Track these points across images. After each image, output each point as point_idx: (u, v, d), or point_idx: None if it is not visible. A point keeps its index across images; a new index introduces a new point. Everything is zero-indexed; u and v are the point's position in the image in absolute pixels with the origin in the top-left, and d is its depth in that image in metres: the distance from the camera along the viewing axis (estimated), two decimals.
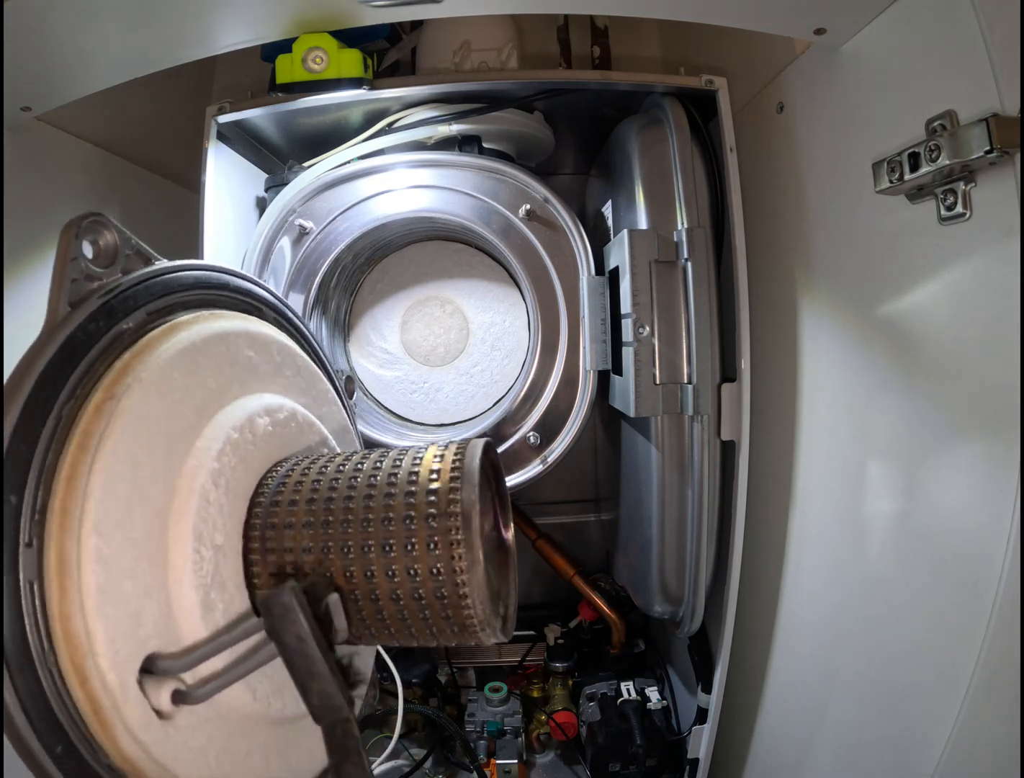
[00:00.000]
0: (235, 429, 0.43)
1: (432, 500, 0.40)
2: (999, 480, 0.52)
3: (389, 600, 0.40)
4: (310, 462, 0.47)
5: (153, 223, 1.07)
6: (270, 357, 0.50)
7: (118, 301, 0.38)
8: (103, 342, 0.37)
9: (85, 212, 0.38)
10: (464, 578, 0.39)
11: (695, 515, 0.81)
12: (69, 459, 0.33)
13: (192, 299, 0.45)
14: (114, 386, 0.36)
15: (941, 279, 0.59)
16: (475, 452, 0.43)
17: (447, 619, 0.40)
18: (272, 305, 0.56)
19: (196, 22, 0.66)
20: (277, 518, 0.43)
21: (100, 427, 0.34)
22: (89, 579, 0.32)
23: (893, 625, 0.65)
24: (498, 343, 1.01)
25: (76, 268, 0.37)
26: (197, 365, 0.42)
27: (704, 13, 0.67)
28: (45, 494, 0.32)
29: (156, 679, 0.35)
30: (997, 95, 0.50)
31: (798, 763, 0.81)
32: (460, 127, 0.87)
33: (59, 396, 0.34)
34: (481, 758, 1.01)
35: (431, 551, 0.39)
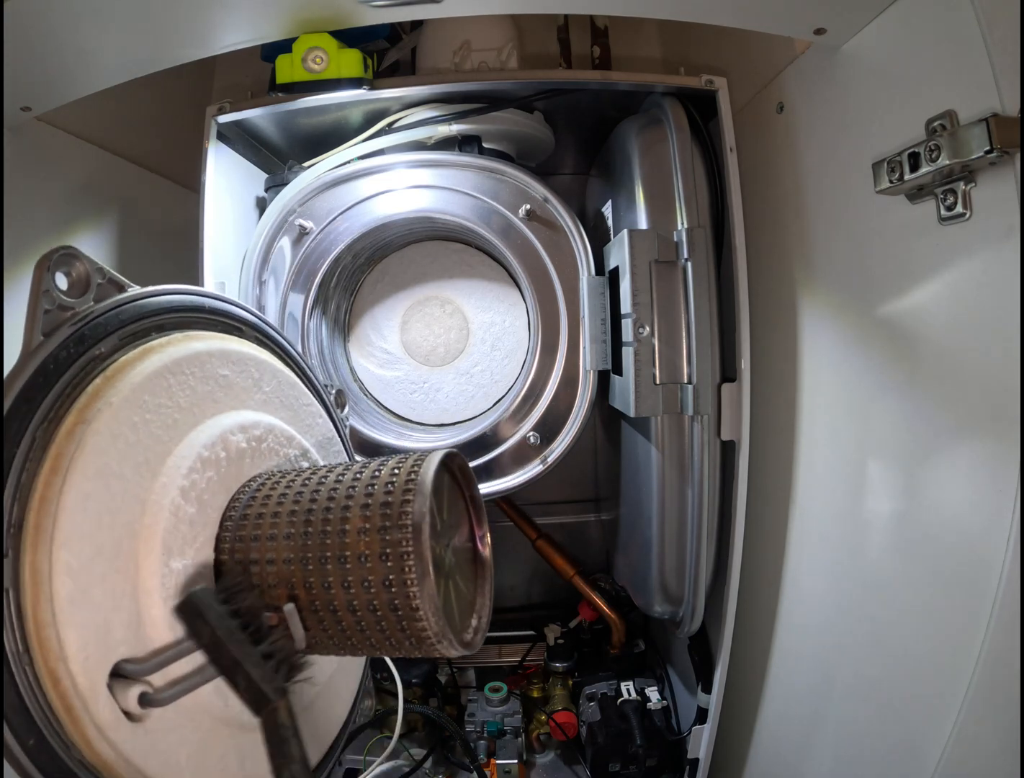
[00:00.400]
0: (206, 447, 0.45)
1: (386, 513, 0.41)
2: (999, 480, 0.52)
3: (347, 611, 0.41)
4: (281, 476, 0.48)
5: (153, 223, 1.07)
6: (247, 374, 0.51)
7: (89, 328, 0.40)
8: (75, 368, 0.39)
9: (56, 247, 0.40)
10: (415, 590, 0.39)
11: (695, 515, 0.81)
12: (42, 479, 0.36)
13: (167, 322, 0.47)
14: (85, 410, 0.38)
15: (941, 279, 0.59)
16: (431, 463, 0.43)
17: (403, 631, 0.41)
18: (252, 324, 0.57)
19: (196, 22, 0.66)
20: (245, 530, 0.44)
21: (71, 449, 0.36)
22: (60, 590, 0.34)
23: (893, 625, 0.65)
24: (498, 343, 1.01)
25: (48, 299, 0.39)
26: (168, 386, 0.43)
27: (704, 13, 0.67)
28: (20, 511, 0.35)
29: (125, 682, 0.37)
30: (997, 95, 0.50)
31: (798, 763, 0.81)
32: (460, 127, 0.87)
33: (32, 419, 0.36)
34: (481, 758, 1.01)
35: (383, 562, 0.40)
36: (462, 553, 0.49)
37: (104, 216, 0.95)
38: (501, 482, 0.89)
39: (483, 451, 0.90)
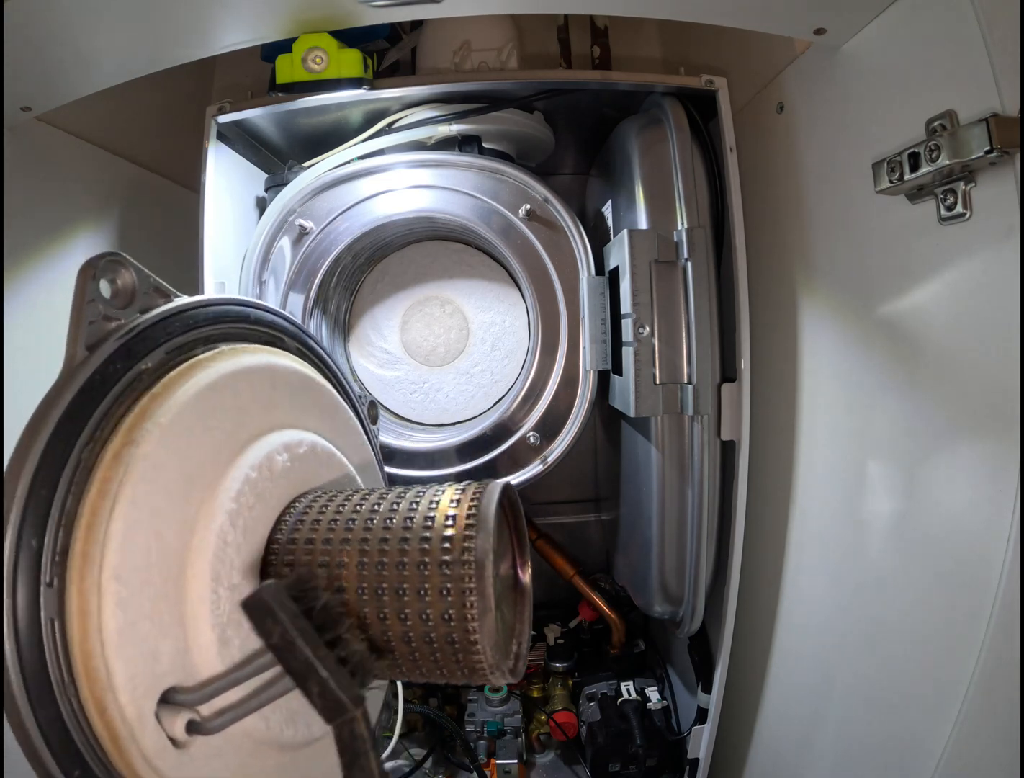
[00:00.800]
0: (253, 468, 0.43)
1: (446, 547, 0.40)
2: (999, 480, 0.52)
3: (401, 642, 0.41)
4: (328, 499, 0.47)
5: (153, 223, 1.07)
6: (291, 390, 0.50)
7: (136, 342, 0.39)
8: (121, 384, 0.37)
9: (103, 252, 0.38)
10: (475, 625, 0.39)
11: (695, 515, 0.81)
12: (88, 505, 0.34)
13: (213, 334, 0.45)
14: (133, 431, 0.36)
15: (941, 279, 0.59)
16: (492, 498, 0.43)
17: (457, 663, 0.41)
18: (293, 334, 0.56)
19: (196, 22, 0.66)
20: (293, 556, 0.43)
21: (119, 474, 0.35)
22: (109, 623, 0.33)
23: (893, 625, 0.65)
24: (498, 343, 1.01)
25: (93, 310, 0.37)
26: (216, 405, 0.42)
27: (704, 13, 0.67)
28: (66, 538, 0.33)
29: (172, 710, 0.36)
30: (997, 95, 0.50)
31: (798, 763, 0.81)
32: (460, 127, 0.87)
33: (78, 440, 0.34)
34: (481, 758, 1.01)
35: (444, 597, 0.39)
36: (505, 580, 0.49)
37: (104, 216, 0.95)
38: None
39: (483, 451, 0.90)
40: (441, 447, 0.91)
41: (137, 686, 0.34)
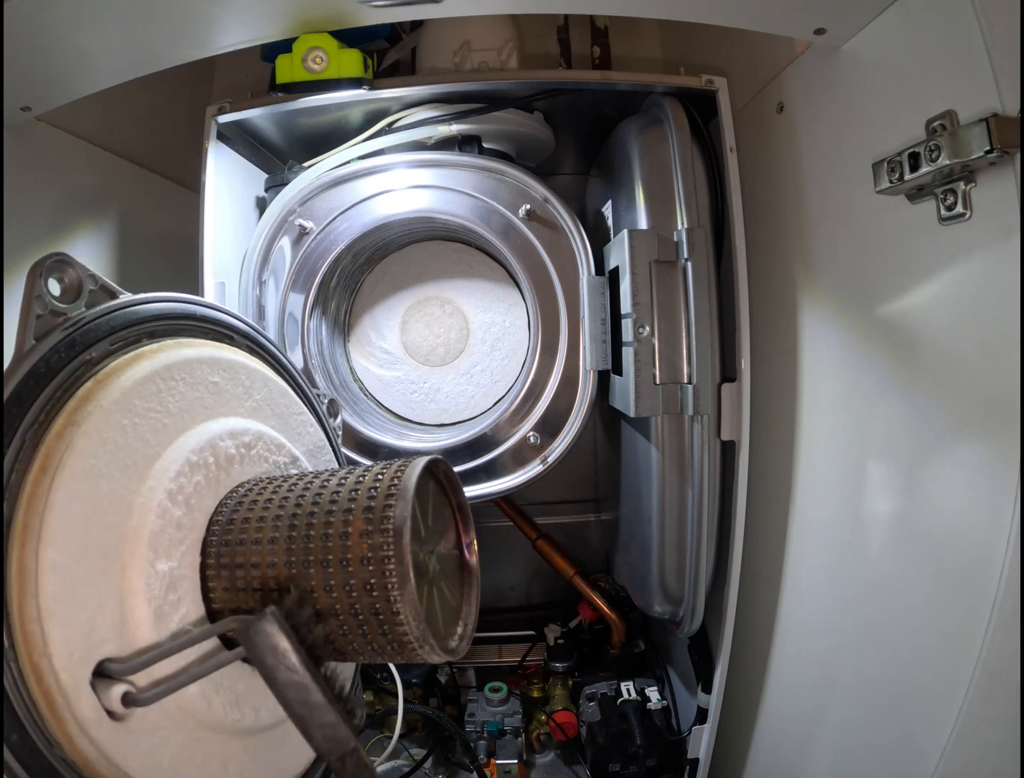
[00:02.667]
0: (195, 452, 0.45)
1: (368, 517, 0.41)
2: (999, 480, 0.52)
3: (330, 615, 0.41)
4: (269, 481, 0.48)
5: (153, 223, 1.07)
6: (238, 382, 0.52)
7: (80, 333, 0.41)
8: (66, 372, 0.39)
9: (49, 253, 0.41)
10: (396, 595, 0.39)
11: (695, 515, 0.81)
12: (31, 478, 0.36)
13: (158, 329, 0.48)
14: (75, 413, 0.39)
15: (941, 279, 0.59)
16: (415, 469, 0.44)
17: (384, 635, 0.41)
18: (243, 332, 0.57)
19: (196, 22, 0.66)
20: (231, 535, 0.44)
21: (60, 450, 0.37)
22: (45, 587, 0.35)
23: (893, 625, 0.65)
24: (498, 343, 1.01)
25: (41, 304, 0.39)
26: (158, 391, 0.44)
27: (704, 13, 0.67)
28: (9, 509, 0.36)
29: (108, 681, 0.37)
30: (997, 95, 0.50)
31: (798, 763, 0.81)
32: (460, 127, 0.87)
33: (23, 421, 0.37)
34: (481, 758, 1.01)
35: (365, 566, 0.40)
36: (448, 560, 0.49)
37: (104, 216, 0.95)
38: (501, 482, 0.89)
39: (483, 451, 0.90)
40: (441, 447, 0.91)
41: (73, 652, 0.36)
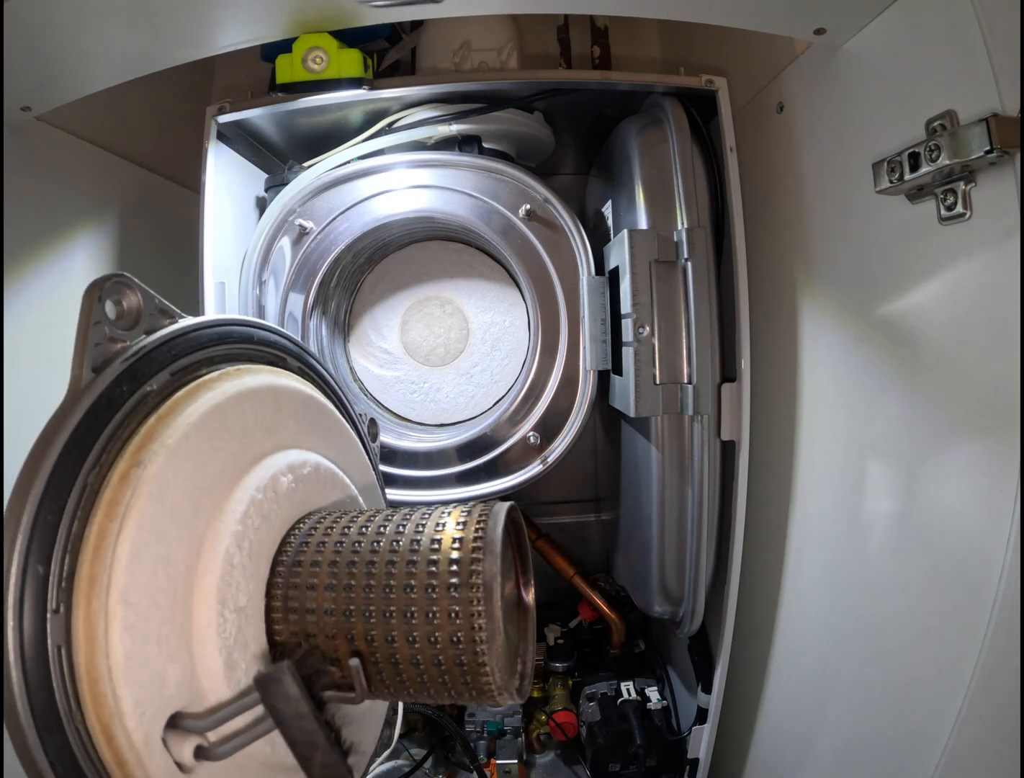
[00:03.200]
0: (259, 490, 0.43)
1: (454, 570, 0.41)
2: (999, 480, 0.52)
3: (409, 664, 0.41)
4: (332, 520, 0.47)
5: (153, 223, 1.07)
6: (294, 410, 0.50)
7: (141, 363, 0.39)
8: (127, 406, 0.37)
9: (108, 273, 0.38)
10: (484, 648, 0.39)
11: (695, 515, 0.81)
12: (96, 528, 0.34)
13: (216, 355, 0.46)
14: (139, 453, 0.36)
15: (941, 279, 0.59)
16: (498, 520, 0.43)
17: (465, 684, 0.41)
18: (295, 354, 0.56)
19: (196, 22, 0.66)
20: (299, 578, 0.43)
21: (126, 496, 0.35)
22: (116, 647, 0.33)
23: (893, 625, 0.65)
24: (498, 343, 1.01)
25: (99, 332, 0.37)
26: (222, 426, 0.42)
27: (704, 13, 0.67)
28: (72, 563, 0.33)
29: (180, 735, 0.36)
30: (997, 95, 0.50)
31: (798, 763, 0.81)
32: (460, 127, 0.87)
33: (84, 464, 0.34)
34: (481, 758, 1.01)
35: (452, 620, 0.40)
36: (508, 600, 0.49)
37: (104, 216, 0.95)
38: (501, 482, 0.89)
39: (483, 451, 0.90)
40: (441, 447, 0.91)
41: (144, 711, 0.34)
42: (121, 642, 0.33)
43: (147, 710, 0.34)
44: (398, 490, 0.90)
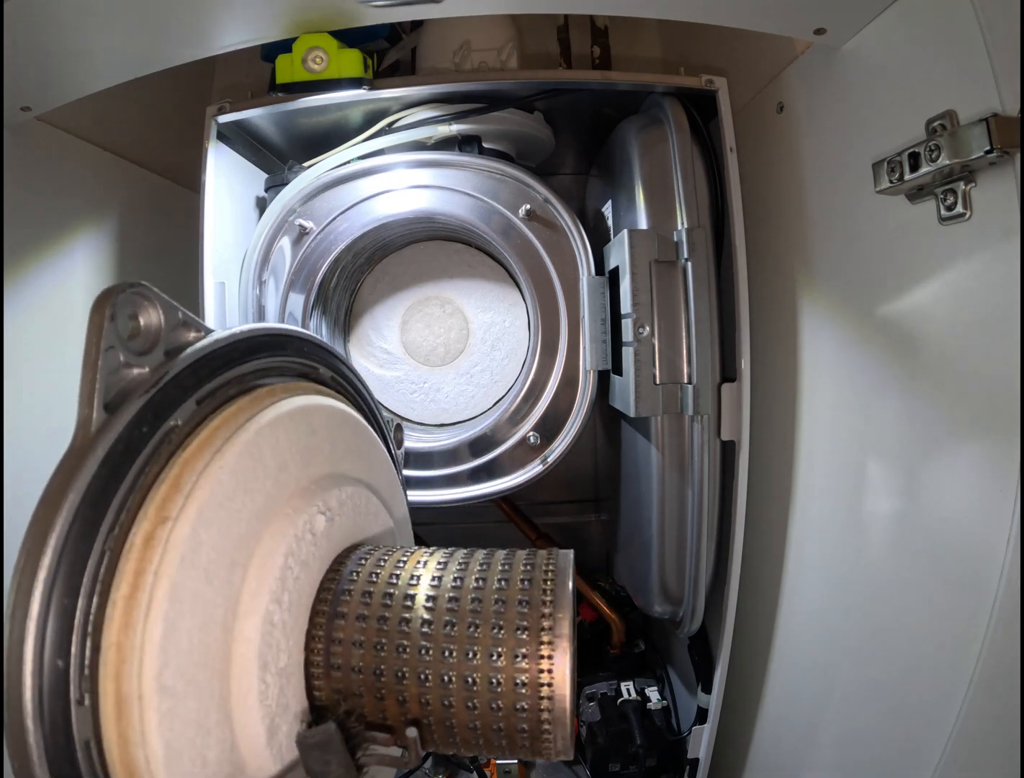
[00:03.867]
0: (296, 536, 0.38)
1: (522, 638, 0.38)
2: (999, 480, 0.52)
3: (465, 729, 0.39)
4: (374, 563, 0.43)
5: (153, 223, 1.07)
6: (328, 433, 0.45)
7: (163, 394, 0.31)
8: (147, 449, 0.30)
9: (122, 283, 0.30)
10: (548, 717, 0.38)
11: (695, 515, 0.81)
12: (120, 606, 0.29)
13: (246, 371, 0.39)
14: (166, 506, 0.31)
15: (941, 279, 0.59)
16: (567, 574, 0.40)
17: (524, 747, 0.39)
18: (326, 362, 0.50)
19: (196, 22, 0.66)
20: (343, 632, 0.39)
21: (154, 562, 0.29)
22: (154, 738, 0.29)
23: (893, 625, 0.65)
24: (498, 343, 1.01)
25: (112, 359, 0.29)
26: (257, 464, 0.36)
27: (704, 13, 0.67)
28: (94, 647, 0.28)
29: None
30: (997, 95, 0.50)
31: (798, 763, 0.81)
32: (460, 127, 0.87)
33: (101, 527, 0.28)
34: (481, 758, 1.01)
35: (518, 689, 0.38)
36: None
37: (104, 216, 0.95)
38: (501, 482, 0.89)
39: (483, 451, 0.89)
40: (441, 447, 0.91)
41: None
42: (159, 732, 0.29)
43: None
44: None
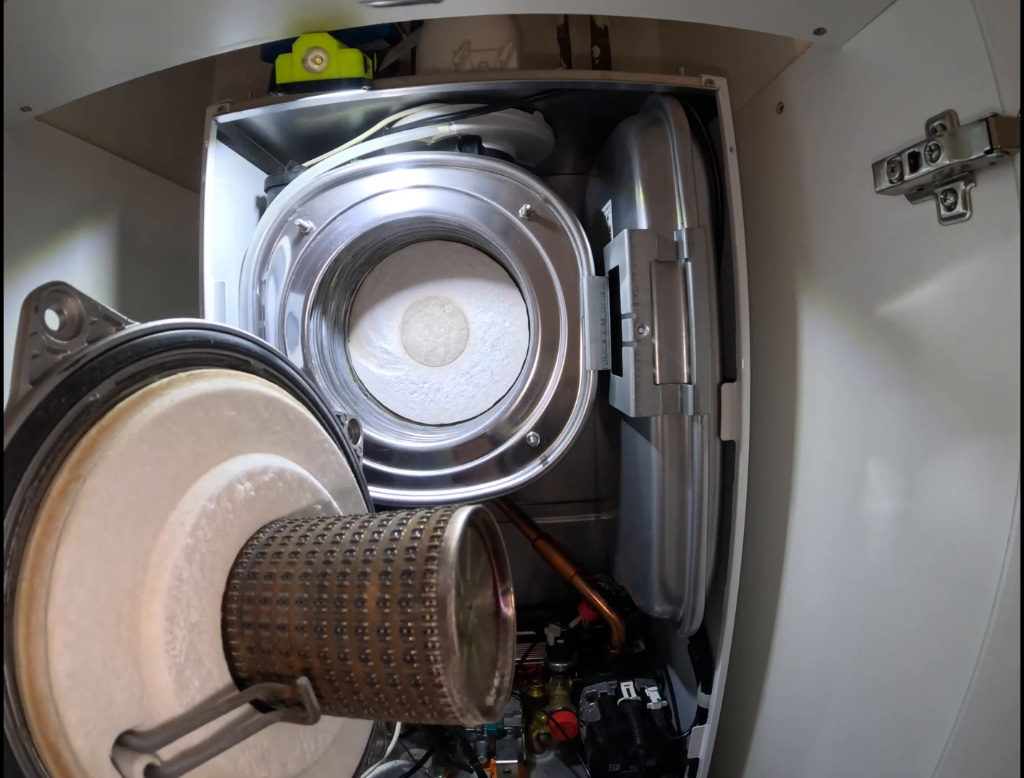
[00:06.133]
0: (212, 499, 0.41)
1: (408, 583, 0.38)
2: (999, 480, 0.52)
3: (364, 683, 0.39)
4: (291, 529, 0.45)
5: (153, 223, 1.07)
6: (255, 414, 0.48)
7: (83, 373, 0.37)
8: (67, 419, 0.36)
9: (46, 283, 0.37)
10: (439, 667, 0.37)
11: (695, 515, 0.81)
12: (34, 544, 0.33)
13: (169, 360, 0.43)
14: (79, 466, 0.35)
15: (941, 279, 0.59)
16: (455, 527, 0.40)
17: (424, 705, 0.39)
18: (260, 356, 0.53)
19: (196, 22, 0.66)
20: (254, 591, 0.42)
21: (64, 511, 0.34)
22: (57, 666, 0.32)
23: (893, 625, 0.65)
24: (498, 343, 1.01)
25: (37, 343, 0.35)
26: (170, 435, 0.40)
27: (704, 13, 0.67)
28: (12, 579, 0.32)
29: (129, 754, 0.35)
30: (997, 95, 0.50)
31: (798, 763, 0.81)
32: (460, 127, 0.87)
33: (21, 480, 0.33)
34: (481, 758, 1.01)
35: (405, 637, 0.37)
36: (484, 610, 0.47)
37: (104, 216, 0.95)
38: (501, 482, 0.89)
39: (483, 451, 0.89)
40: (441, 447, 0.91)
41: (90, 730, 0.33)
42: (61, 661, 0.32)
43: (93, 729, 0.34)
44: (398, 490, 0.90)
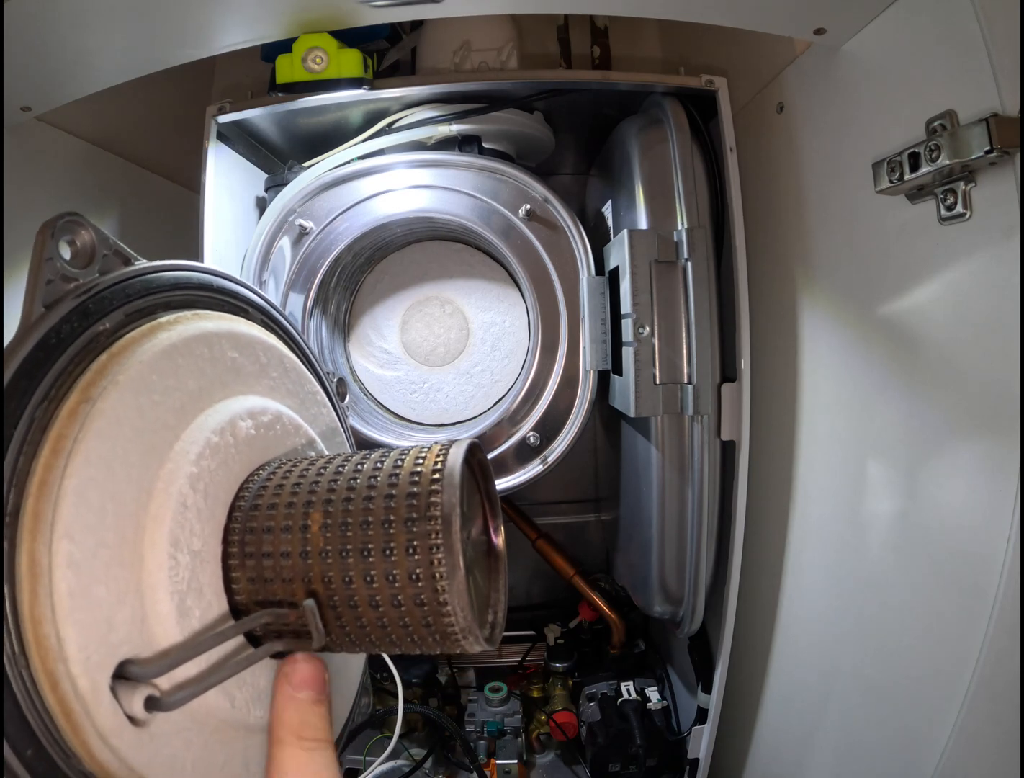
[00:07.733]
0: (215, 432, 0.42)
1: (412, 503, 0.39)
2: (999, 480, 0.52)
3: (368, 606, 0.40)
4: (292, 465, 0.46)
5: (153, 223, 1.07)
6: (255, 358, 0.49)
7: (94, 302, 0.38)
8: (78, 343, 0.36)
9: (61, 212, 0.38)
10: (444, 584, 0.37)
11: (695, 515, 0.81)
12: (42, 463, 0.33)
13: (174, 299, 0.44)
14: (89, 388, 0.35)
15: (941, 279, 0.59)
16: (458, 453, 0.42)
17: (428, 626, 0.39)
18: (258, 307, 0.55)
19: (196, 22, 0.66)
20: (256, 522, 0.42)
21: (74, 431, 0.33)
22: (60, 584, 0.32)
23: (893, 625, 0.65)
24: (498, 343, 1.01)
25: (52, 269, 0.36)
26: (177, 367, 0.41)
27: (704, 13, 0.67)
28: (17, 498, 0.32)
29: (129, 685, 0.35)
30: (997, 95, 0.50)
31: (798, 763, 0.81)
32: (460, 127, 0.87)
33: (32, 398, 0.33)
34: (481, 758, 1.01)
35: (410, 556, 0.38)
36: (477, 546, 0.48)
37: (104, 216, 0.95)
38: (501, 482, 0.89)
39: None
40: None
41: (90, 656, 0.33)
42: (64, 579, 0.32)
43: (93, 655, 0.33)
44: None
